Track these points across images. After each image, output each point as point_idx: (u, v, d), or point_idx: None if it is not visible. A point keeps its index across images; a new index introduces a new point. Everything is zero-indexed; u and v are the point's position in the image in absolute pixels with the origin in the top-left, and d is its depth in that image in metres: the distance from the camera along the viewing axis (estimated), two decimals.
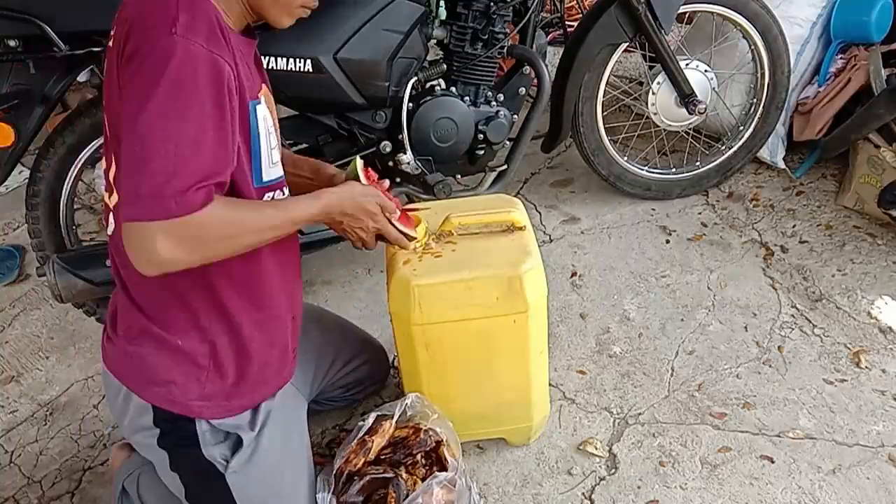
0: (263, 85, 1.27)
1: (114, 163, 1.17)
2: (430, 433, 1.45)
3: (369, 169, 1.46)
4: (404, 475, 1.39)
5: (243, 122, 1.14)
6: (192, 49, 1.02)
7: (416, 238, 1.43)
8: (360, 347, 1.75)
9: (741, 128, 2.46)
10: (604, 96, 2.29)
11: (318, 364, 1.62)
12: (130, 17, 1.08)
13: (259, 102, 1.18)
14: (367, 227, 1.33)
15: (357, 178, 1.39)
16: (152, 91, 1.01)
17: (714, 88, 2.33)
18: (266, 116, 1.21)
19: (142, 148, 1.01)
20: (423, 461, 1.43)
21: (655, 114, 2.34)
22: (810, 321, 1.96)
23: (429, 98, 2.00)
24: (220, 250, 1.12)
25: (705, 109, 2.27)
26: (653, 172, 2.46)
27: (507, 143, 2.15)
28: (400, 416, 1.47)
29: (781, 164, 2.54)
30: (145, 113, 1.01)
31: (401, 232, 1.37)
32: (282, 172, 1.27)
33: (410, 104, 1.99)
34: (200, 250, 1.08)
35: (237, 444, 1.30)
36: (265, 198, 1.24)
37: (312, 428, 1.79)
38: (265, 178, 1.22)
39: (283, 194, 1.29)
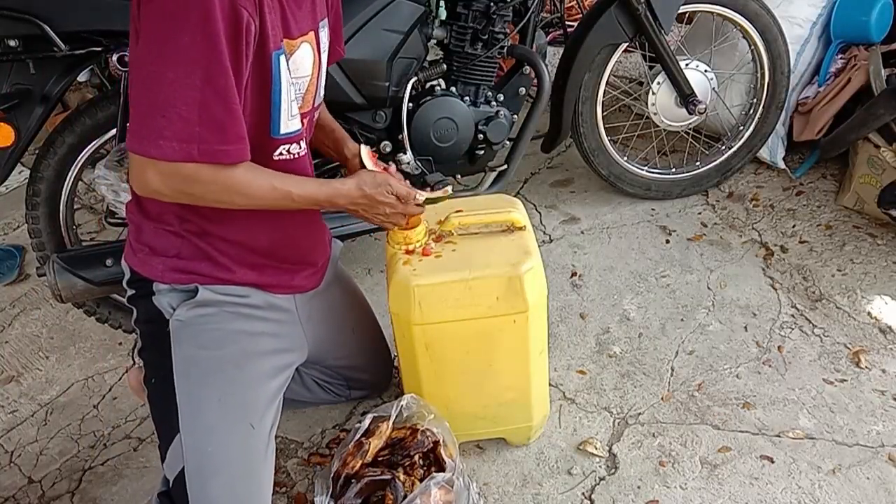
0: (312, 32, 1.26)
1: None
2: (428, 434, 1.45)
3: (376, 156, 1.48)
4: (402, 476, 1.38)
5: (264, 72, 1.15)
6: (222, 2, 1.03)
7: (446, 197, 1.47)
8: (374, 359, 1.77)
9: (741, 128, 2.46)
10: (604, 96, 2.29)
11: (329, 348, 1.63)
12: None
13: (282, 52, 1.17)
14: (386, 214, 1.38)
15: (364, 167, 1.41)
16: (169, 35, 1.03)
17: (714, 88, 2.33)
18: (298, 66, 1.22)
19: (150, 89, 1.06)
20: (421, 462, 1.43)
21: (655, 114, 2.34)
22: (810, 321, 1.96)
23: (429, 98, 2.00)
24: (206, 202, 1.19)
25: (705, 109, 2.27)
26: (653, 172, 2.46)
27: (507, 143, 2.15)
28: (397, 417, 1.47)
29: (781, 164, 2.54)
30: (158, 56, 1.04)
31: (429, 199, 1.43)
32: (300, 126, 1.27)
33: (410, 104, 1.99)
34: (186, 195, 1.16)
35: (185, 297, 1.33)
36: (280, 149, 1.26)
37: (312, 428, 1.79)
38: (283, 131, 1.23)
39: (300, 147, 1.30)
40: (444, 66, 2.03)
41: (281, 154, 1.27)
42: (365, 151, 1.45)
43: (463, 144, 2.07)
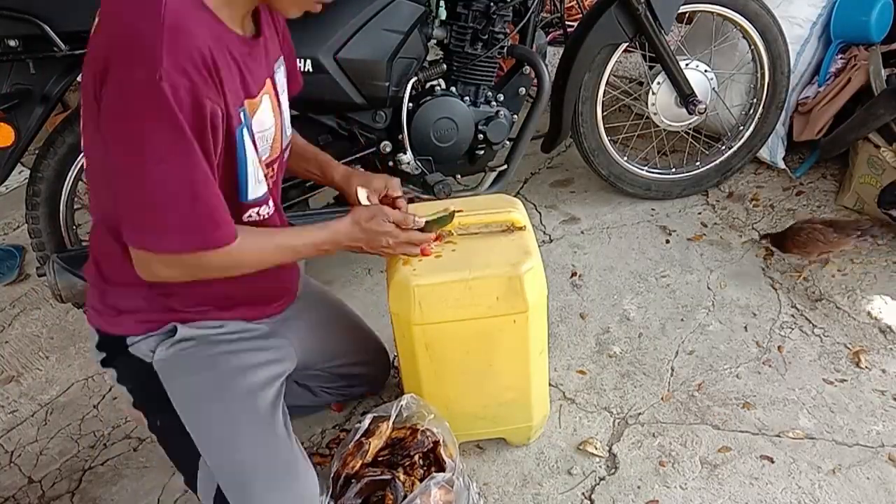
0: (268, 80, 1.27)
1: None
2: (428, 434, 1.44)
3: (372, 197, 1.48)
4: (402, 476, 1.38)
5: (230, 149, 1.17)
6: (180, 94, 1.02)
7: (449, 216, 1.47)
8: (364, 351, 1.76)
9: (741, 128, 2.46)
10: (604, 96, 2.29)
11: (318, 352, 1.63)
12: (107, 56, 1.04)
13: (244, 125, 1.18)
14: (390, 244, 1.40)
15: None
16: (140, 133, 1.04)
17: (714, 88, 2.33)
18: (262, 120, 1.24)
19: (137, 186, 1.08)
20: (421, 462, 1.43)
21: (655, 114, 2.34)
22: (810, 321, 1.96)
23: (429, 98, 2.00)
24: (216, 275, 1.24)
25: (705, 109, 2.27)
26: (653, 172, 2.46)
27: (507, 142, 2.15)
28: (396, 417, 1.47)
29: (781, 164, 2.54)
30: (135, 154, 1.05)
31: (430, 222, 1.44)
32: (266, 188, 1.29)
33: (410, 104, 1.99)
34: (197, 275, 1.22)
35: (162, 338, 1.32)
36: (249, 212, 1.28)
37: (312, 428, 1.79)
38: (251, 196, 1.25)
39: (269, 208, 1.31)
40: (444, 66, 2.04)
41: (250, 216, 1.28)
42: (363, 194, 1.46)
43: (463, 144, 2.07)
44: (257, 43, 1.22)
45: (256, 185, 1.25)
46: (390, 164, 2.06)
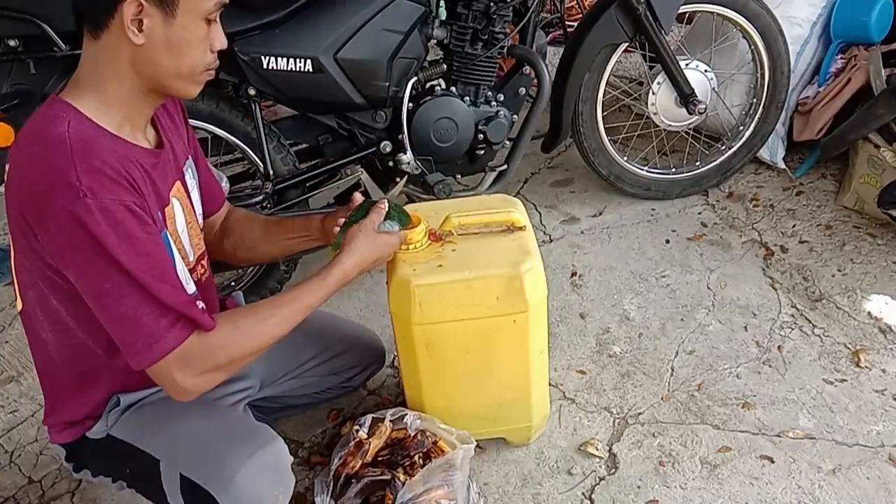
0: (178, 182, 1.27)
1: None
2: (427, 434, 1.45)
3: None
4: (402, 476, 1.38)
5: None
6: (109, 207, 1.04)
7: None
8: (337, 342, 1.70)
9: (741, 128, 2.47)
10: (604, 96, 2.29)
11: (281, 360, 1.60)
12: (32, 202, 1.06)
13: (165, 230, 1.18)
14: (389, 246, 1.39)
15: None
16: (94, 253, 1.04)
17: (714, 88, 2.33)
18: (178, 233, 1.24)
19: (115, 302, 1.08)
20: (421, 462, 1.43)
21: (655, 114, 2.34)
22: (810, 321, 1.96)
23: (429, 98, 2.00)
24: (237, 364, 1.19)
25: (705, 109, 2.27)
26: (653, 172, 2.47)
27: (507, 142, 2.15)
28: (396, 418, 1.47)
29: (781, 164, 2.54)
30: (100, 280, 1.06)
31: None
32: (194, 289, 1.22)
33: (410, 104, 1.99)
34: (222, 370, 1.17)
35: (109, 413, 1.32)
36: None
37: (312, 428, 1.79)
38: (189, 293, 1.22)
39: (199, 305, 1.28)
40: (444, 66, 2.04)
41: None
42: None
43: (463, 144, 2.07)
44: (162, 150, 1.23)
45: (188, 285, 1.22)
46: (390, 163, 2.06)
